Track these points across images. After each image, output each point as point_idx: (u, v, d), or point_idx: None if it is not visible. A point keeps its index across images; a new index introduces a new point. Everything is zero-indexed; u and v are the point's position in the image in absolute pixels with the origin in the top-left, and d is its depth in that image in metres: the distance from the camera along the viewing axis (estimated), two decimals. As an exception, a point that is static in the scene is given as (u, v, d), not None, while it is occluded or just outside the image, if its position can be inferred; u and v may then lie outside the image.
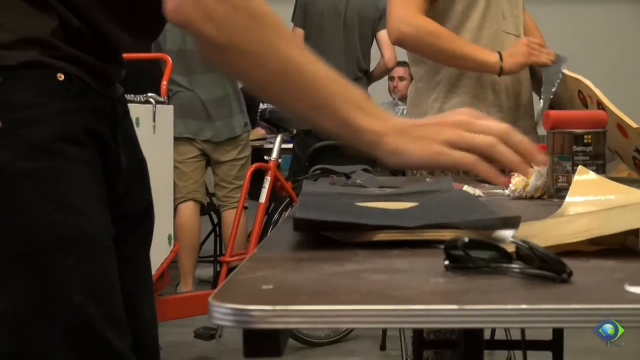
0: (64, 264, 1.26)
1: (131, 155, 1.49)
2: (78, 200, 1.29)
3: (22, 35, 1.27)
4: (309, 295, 0.90)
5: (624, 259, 1.07)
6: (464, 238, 1.00)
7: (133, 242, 1.53)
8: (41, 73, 1.28)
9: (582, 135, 1.77)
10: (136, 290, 1.54)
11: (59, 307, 1.26)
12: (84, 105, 1.31)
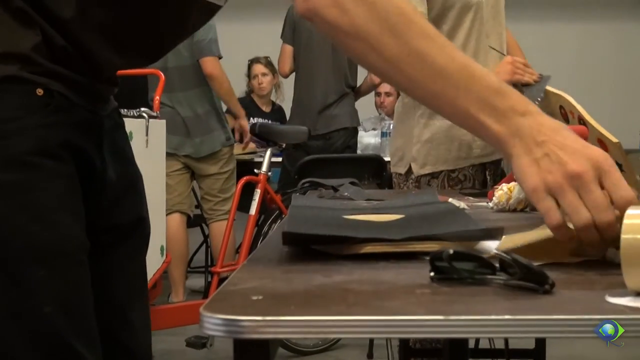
0: (36, 276, 1.26)
1: (121, 168, 1.49)
2: (52, 213, 1.29)
3: (4, 49, 1.27)
4: (298, 306, 0.90)
5: (604, 271, 1.07)
6: (448, 250, 1.00)
7: (122, 252, 1.52)
8: (21, 88, 1.27)
9: (563, 150, 1.77)
10: (126, 298, 1.53)
11: (30, 317, 1.26)
12: (64, 120, 1.31)
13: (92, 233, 1.37)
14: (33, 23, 1.28)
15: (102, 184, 1.42)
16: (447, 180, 2.62)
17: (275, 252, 1.24)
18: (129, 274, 1.55)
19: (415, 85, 1.17)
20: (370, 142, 6.00)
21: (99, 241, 1.40)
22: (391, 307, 0.90)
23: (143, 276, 1.60)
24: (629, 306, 0.86)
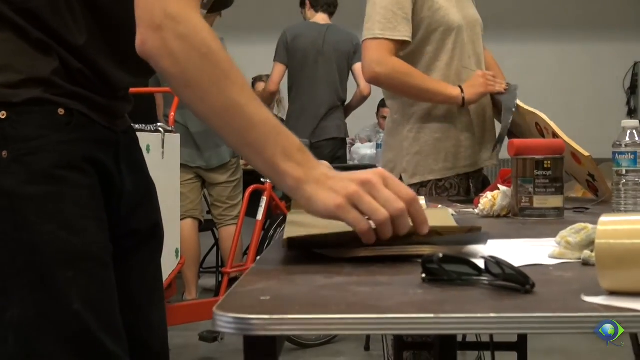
0: (65, 277, 1.27)
1: (137, 179, 1.50)
2: (77, 220, 1.29)
3: (28, 75, 1.28)
4: (302, 306, 0.90)
5: (581, 272, 1.07)
6: (439, 254, 1.00)
7: (141, 255, 1.53)
8: (44, 109, 1.29)
9: (542, 161, 1.78)
10: (144, 298, 1.54)
11: (60, 315, 1.27)
12: (85, 136, 1.32)
13: (112, 238, 1.38)
14: (51, 51, 1.30)
15: (120, 194, 1.42)
16: (435, 188, 2.63)
17: (280, 255, 1.24)
18: (146, 275, 1.55)
19: (233, 134, 1.20)
20: (367, 153, 6.00)
21: (119, 246, 1.41)
22: (386, 306, 0.90)
23: (159, 277, 1.61)
24: (603, 304, 0.86)
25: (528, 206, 1.78)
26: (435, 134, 2.61)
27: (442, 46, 2.61)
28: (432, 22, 2.58)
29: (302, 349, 4.42)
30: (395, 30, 2.53)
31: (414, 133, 2.64)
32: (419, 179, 2.62)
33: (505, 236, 1.42)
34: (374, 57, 2.54)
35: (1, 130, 1.27)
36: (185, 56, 1.17)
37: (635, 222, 0.92)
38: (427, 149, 2.60)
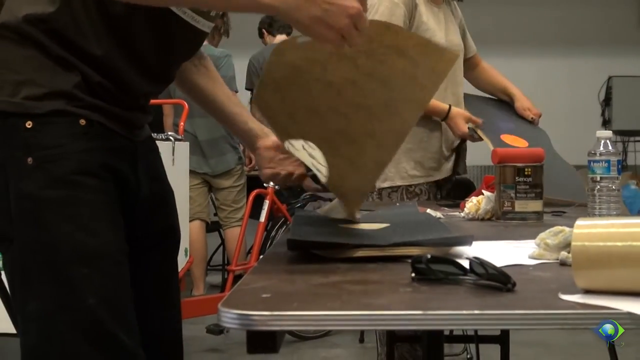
0: (81, 274, 1.27)
1: (154, 186, 1.49)
2: (93, 222, 1.29)
3: (50, 89, 1.29)
4: (300, 303, 0.90)
5: (558, 272, 1.07)
6: (427, 254, 1.00)
7: (157, 255, 1.53)
8: (66, 119, 1.29)
9: (523, 169, 1.78)
10: (159, 294, 1.54)
11: (76, 309, 1.27)
12: (102, 145, 1.32)
13: (131, 239, 1.38)
14: (72, 66, 1.30)
15: (136, 199, 1.42)
16: (406, 193, 2.64)
17: (280, 256, 1.24)
18: (162, 273, 1.55)
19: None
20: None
21: (137, 246, 1.41)
22: (378, 304, 0.90)
23: (175, 275, 1.61)
24: (579, 302, 0.87)
25: (510, 210, 1.78)
26: (407, 144, 2.62)
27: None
28: None
29: (301, 341, 4.41)
30: None
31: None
32: (389, 184, 2.63)
33: (489, 238, 1.42)
34: None
35: (26, 139, 1.27)
36: None
37: (608, 225, 0.92)
38: (398, 157, 2.61)
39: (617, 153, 1.69)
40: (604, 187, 1.69)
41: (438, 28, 2.63)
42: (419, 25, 2.57)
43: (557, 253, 1.16)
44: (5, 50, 1.31)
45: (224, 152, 4.95)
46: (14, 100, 1.28)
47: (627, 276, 0.87)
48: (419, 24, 2.57)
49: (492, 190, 1.85)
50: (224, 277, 5.61)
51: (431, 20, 2.61)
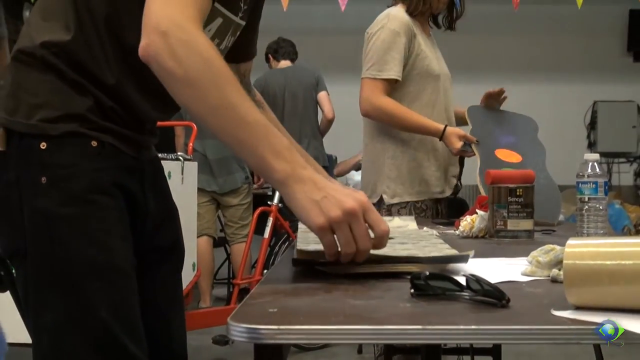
0: (92, 287, 1.27)
1: (161, 203, 1.49)
2: (104, 237, 1.29)
3: (65, 112, 1.29)
4: (305, 317, 0.90)
5: (550, 289, 1.07)
6: (425, 271, 1.00)
7: (163, 268, 1.52)
8: (79, 140, 1.29)
9: (515, 189, 1.78)
10: (166, 306, 1.53)
11: (88, 320, 1.26)
12: (113, 165, 1.33)
13: (138, 254, 1.38)
14: (86, 90, 1.31)
15: (145, 215, 1.42)
16: (414, 209, 2.65)
17: (285, 272, 1.24)
18: (168, 285, 1.55)
19: (227, 131, 1.16)
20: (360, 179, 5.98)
21: (144, 260, 1.41)
22: (379, 318, 0.90)
23: (180, 287, 1.60)
24: (570, 318, 0.86)
25: (502, 228, 1.78)
26: (411, 163, 2.63)
27: (422, 88, 2.63)
28: (416, 67, 2.62)
29: (303, 352, 4.40)
30: (389, 70, 2.57)
31: (392, 160, 2.66)
32: (398, 200, 2.66)
33: (483, 255, 1.42)
34: (365, 95, 2.60)
35: (41, 159, 1.27)
36: (187, 59, 1.14)
37: (598, 245, 0.92)
38: (403, 175, 2.64)
39: (604, 175, 1.69)
40: (591, 207, 1.68)
41: (433, 56, 2.66)
42: (418, 52, 2.60)
43: (548, 270, 1.15)
44: (23, 74, 1.31)
45: (232, 171, 4.95)
46: (29, 122, 1.28)
47: (616, 293, 0.87)
48: (418, 51, 2.60)
49: (486, 210, 1.85)
50: (229, 290, 5.60)
51: (426, 49, 2.64)
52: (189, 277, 3.94)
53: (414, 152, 2.65)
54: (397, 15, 2.62)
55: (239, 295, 4.39)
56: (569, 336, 0.82)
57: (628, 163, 8.80)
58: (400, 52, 2.57)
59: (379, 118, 2.63)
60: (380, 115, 2.61)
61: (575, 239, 0.94)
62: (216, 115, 1.16)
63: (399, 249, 1.35)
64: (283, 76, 5.30)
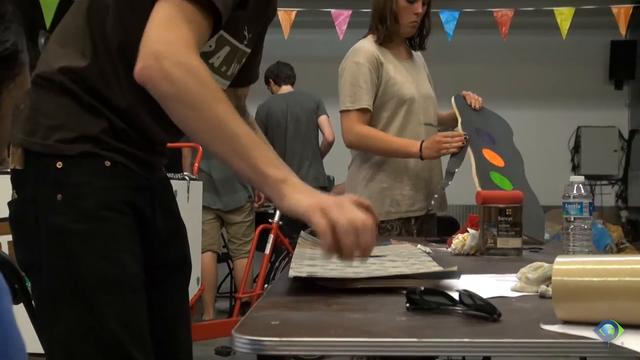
0: (103, 300, 1.26)
1: (170, 221, 1.48)
2: (115, 253, 1.29)
3: (80, 133, 1.29)
4: (306, 330, 0.90)
5: (539, 304, 1.06)
6: (420, 287, 1.00)
7: (171, 283, 1.51)
8: (93, 160, 1.29)
9: (504, 209, 1.78)
10: (173, 318, 1.52)
11: (98, 331, 1.25)
12: (125, 184, 1.32)
13: (148, 269, 1.37)
14: (100, 113, 1.31)
15: (154, 232, 1.42)
16: (378, 229, 2.61)
17: (286, 286, 1.23)
18: (175, 300, 1.54)
19: (221, 145, 1.17)
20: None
21: (153, 274, 1.40)
22: (376, 331, 0.89)
23: (186, 301, 1.59)
24: (559, 332, 0.86)
25: (492, 246, 1.78)
26: (383, 184, 2.62)
27: (395, 113, 2.61)
28: (387, 93, 2.60)
29: (300, 363, 4.37)
30: (360, 101, 2.57)
31: (365, 182, 2.65)
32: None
33: (474, 271, 1.41)
34: (345, 127, 2.61)
35: (57, 178, 1.27)
36: (181, 80, 1.15)
37: (585, 262, 0.92)
38: (375, 195, 2.61)
39: (589, 196, 1.69)
40: (577, 226, 1.68)
41: (406, 80, 2.63)
42: (387, 80, 2.59)
43: (537, 286, 1.15)
44: (41, 98, 1.31)
45: (236, 190, 4.95)
46: (46, 142, 1.28)
47: (602, 308, 0.87)
48: (387, 79, 2.59)
49: (476, 228, 1.85)
50: (231, 303, 5.57)
51: (398, 74, 2.61)
52: (194, 291, 3.93)
53: (385, 175, 2.63)
54: (361, 48, 2.63)
55: (240, 308, 4.36)
56: (558, 349, 0.82)
57: (610, 185, 8.81)
58: (367, 82, 2.57)
59: (362, 146, 2.63)
60: (361, 143, 2.61)
61: (563, 256, 0.94)
62: (210, 131, 1.17)
63: (389, 266, 1.35)
64: (285, 101, 5.31)
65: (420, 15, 2.61)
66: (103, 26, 1.31)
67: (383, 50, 2.63)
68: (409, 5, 2.57)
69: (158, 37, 1.17)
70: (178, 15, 1.18)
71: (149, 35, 1.17)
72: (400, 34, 2.64)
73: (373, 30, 2.65)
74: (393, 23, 2.59)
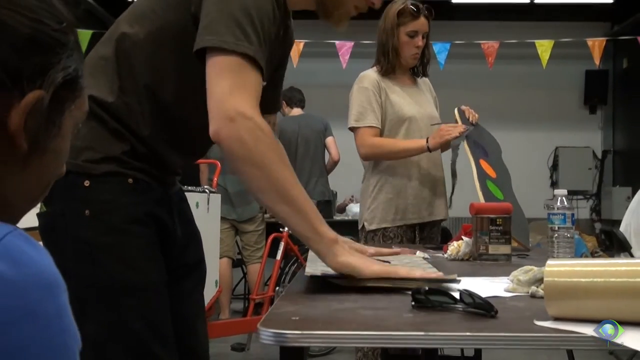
0: (128, 303, 1.26)
1: (186, 228, 1.49)
2: (139, 261, 1.29)
3: (105, 154, 1.29)
4: (323, 324, 0.90)
5: (530, 303, 1.06)
6: (425, 287, 1.00)
7: (190, 282, 1.51)
8: (117, 179, 1.30)
9: (495, 219, 1.78)
10: (192, 315, 1.52)
11: (125, 332, 1.25)
12: (146, 199, 1.33)
13: (169, 270, 1.37)
14: (124, 138, 1.31)
15: (174, 239, 1.42)
16: (382, 237, 2.64)
17: (303, 286, 1.24)
18: (193, 297, 1.53)
19: (285, 203, 1.20)
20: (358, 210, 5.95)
21: (173, 275, 1.39)
22: (386, 325, 0.89)
23: (202, 299, 1.59)
24: (551, 327, 0.86)
25: (485, 252, 1.77)
26: (389, 195, 2.63)
27: (396, 132, 2.64)
28: (389, 114, 2.63)
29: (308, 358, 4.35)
30: (366, 119, 2.60)
31: (375, 194, 2.66)
32: (375, 227, 2.65)
33: (469, 275, 1.41)
34: (357, 142, 2.65)
35: (85, 195, 1.27)
36: (253, 144, 1.17)
37: (573, 265, 0.92)
38: (382, 206, 2.63)
39: (571, 208, 1.69)
40: (560, 234, 1.68)
41: (406, 101, 2.65)
42: (385, 100, 2.63)
43: (527, 287, 1.15)
44: None
45: (249, 202, 4.95)
46: (75, 162, 1.27)
47: (589, 306, 0.87)
48: (387, 100, 2.63)
49: (470, 236, 1.85)
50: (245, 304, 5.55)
51: (398, 96, 2.64)
52: (212, 293, 3.91)
53: (390, 187, 2.65)
54: (366, 75, 2.67)
55: (254, 308, 4.36)
56: (550, 342, 0.82)
57: (585, 200, 8.80)
58: (371, 103, 2.62)
59: (376, 155, 2.65)
60: (375, 153, 2.63)
61: (553, 260, 0.94)
62: (274, 191, 1.19)
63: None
64: (297, 124, 5.33)
65: (420, 47, 2.64)
66: (130, 61, 1.31)
67: (385, 79, 2.66)
68: (410, 39, 2.61)
69: (227, 100, 1.19)
70: (238, 75, 1.20)
71: (218, 98, 1.20)
72: (403, 66, 2.67)
73: (377, 63, 2.68)
74: (395, 56, 2.63)
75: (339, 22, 1.43)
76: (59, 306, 0.57)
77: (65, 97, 0.65)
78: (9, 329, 0.52)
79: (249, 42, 1.21)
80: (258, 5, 1.24)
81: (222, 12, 1.21)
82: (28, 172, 0.64)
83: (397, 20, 2.60)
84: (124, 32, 1.32)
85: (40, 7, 0.62)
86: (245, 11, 1.21)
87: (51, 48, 0.62)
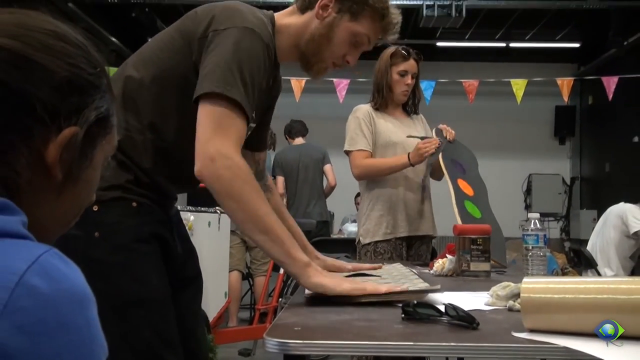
0: (138, 313, 1.25)
1: (184, 244, 1.49)
2: (145, 276, 1.28)
3: (112, 183, 1.29)
4: (323, 334, 0.89)
5: (508, 316, 1.06)
6: (414, 301, 1.00)
7: (189, 293, 1.50)
8: (123, 203, 1.30)
9: (476, 239, 1.78)
10: (193, 322, 1.51)
11: (135, 340, 1.24)
12: (150, 220, 1.33)
13: (171, 283, 1.36)
14: (128, 168, 1.32)
15: (175, 255, 1.42)
16: (374, 253, 2.63)
17: (303, 299, 1.23)
18: (193, 305, 1.52)
19: (261, 232, 1.22)
20: (353, 229, 5.94)
21: (175, 287, 1.39)
22: (379, 336, 0.89)
23: (201, 308, 1.58)
24: (527, 338, 0.85)
25: (466, 269, 1.77)
26: (380, 212, 2.64)
27: (384, 154, 2.65)
28: (379, 140, 2.66)
29: (307, 363, 4.30)
30: (357, 144, 2.64)
31: (369, 212, 2.67)
32: (369, 240, 2.65)
33: (453, 289, 1.41)
34: (351, 164, 2.67)
35: (94, 218, 1.26)
36: (230, 181, 1.20)
37: (547, 282, 0.92)
38: (374, 221, 2.64)
39: (544, 229, 1.69)
40: (534, 253, 1.67)
41: (395, 128, 2.67)
42: (376, 128, 2.67)
43: (505, 301, 1.14)
44: None
45: None
46: None
47: (562, 320, 0.86)
48: (377, 128, 2.66)
49: (453, 254, 1.84)
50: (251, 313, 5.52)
51: (387, 124, 2.67)
52: (222, 303, 3.89)
53: (381, 205, 2.66)
54: (359, 107, 2.73)
55: (259, 317, 4.32)
56: (527, 352, 0.82)
57: (556, 221, 8.79)
58: (362, 130, 2.66)
59: (367, 175, 2.67)
60: (367, 172, 2.65)
61: (529, 277, 0.94)
62: (251, 222, 1.23)
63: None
64: (298, 152, 5.35)
65: (410, 85, 2.69)
66: (136, 101, 1.32)
67: (378, 113, 2.69)
68: (401, 78, 2.68)
69: (210, 142, 1.22)
70: (223, 120, 1.23)
71: (203, 140, 1.23)
72: (394, 102, 2.71)
73: (372, 99, 2.73)
74: (388, 92, 2.69)
75: (317, 74, 1.47)
76: (88, 318, 0.57)
77: (97, 133, 0.66)
78: (44, 339, 0.52)
79: (238, 90, 1.24)
80: (251, 60, 1.28)
81: (219, 65, 1.25)
82: (62, 199, 0.64)
83: (390, 61, 2.67)
84: (130, 75, 1.34)
85: (78, 54, 0.63)
86: (239, 64, 1.26)
87: (86, 90, 0.63)
